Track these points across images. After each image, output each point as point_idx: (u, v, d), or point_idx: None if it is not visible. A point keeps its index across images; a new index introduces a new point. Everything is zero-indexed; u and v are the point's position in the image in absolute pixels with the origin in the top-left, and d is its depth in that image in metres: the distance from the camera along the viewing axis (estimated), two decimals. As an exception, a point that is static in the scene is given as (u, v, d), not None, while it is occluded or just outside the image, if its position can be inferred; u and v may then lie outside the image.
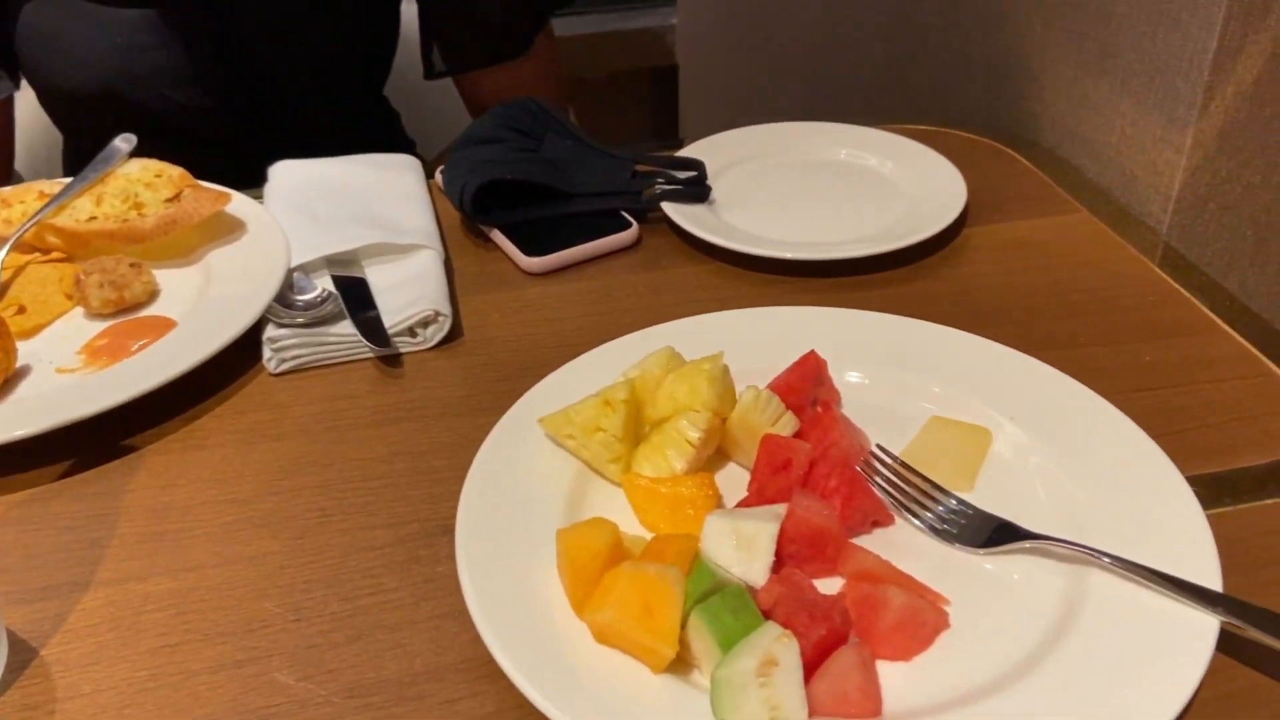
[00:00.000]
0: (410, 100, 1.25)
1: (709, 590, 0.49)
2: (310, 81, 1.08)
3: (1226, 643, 0.48)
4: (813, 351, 0.63)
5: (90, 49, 1.00)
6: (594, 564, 0.50)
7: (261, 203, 0.85)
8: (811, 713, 0.45)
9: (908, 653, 0.49)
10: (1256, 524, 0.57)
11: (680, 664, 0.48)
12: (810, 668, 0.46)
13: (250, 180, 0.89)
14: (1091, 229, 0.84)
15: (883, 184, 0.90)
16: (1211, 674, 0.47)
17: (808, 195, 0.89)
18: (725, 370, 0.61)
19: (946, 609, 0.51)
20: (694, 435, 0.58)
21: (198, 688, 0.51)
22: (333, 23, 1.06)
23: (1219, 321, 0.72)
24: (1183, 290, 0.76)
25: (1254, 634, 0.47)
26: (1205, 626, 0.48)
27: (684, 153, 0.92)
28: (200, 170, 0.85)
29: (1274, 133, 0.80)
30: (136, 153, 0.87)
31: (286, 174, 0.88)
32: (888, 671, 0.48)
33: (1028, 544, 0.53)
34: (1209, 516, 0.53)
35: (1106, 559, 0.51)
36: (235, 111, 1.05)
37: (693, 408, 0.59)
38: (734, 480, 0.60)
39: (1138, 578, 0.50)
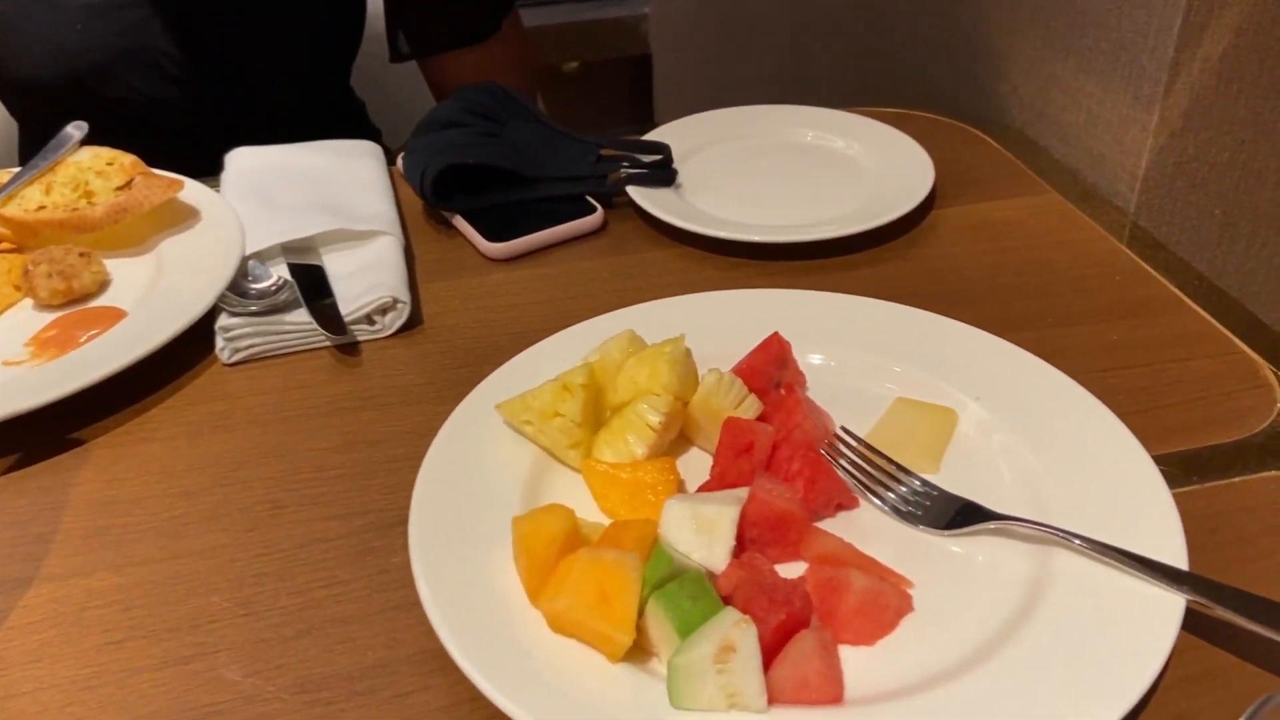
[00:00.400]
0: (376, 89, 1.23)
1: (667, 576, 0.48)
2: (276, 69, 1.06)
3: (1194, 623, 0.47)
4: (776, 334, 0.62)
5: (51, 37, 0.98)
6: (549, 551, 0.49)
7: (219, 191, 0.83)
8: (771, 699, 0.44)
9: (870, 637, 0.48)
10: (1225, 502, 0.56)
11: (639, 652, 0.47)
12: (770, 653, 0.45)
13: (214, 172, 0.87)
14: (1059, 209, 0.83)
15: (850, 166, 0.89)
16: (1178, 654, 0.46)
17: (774, 178, 0.88)
18: (687, 353, 0.60)
19: (910, 592, 0.50)
20: (654, 419, 0.57)
21: (142, 685, 0.49)
22: (298, 7, 1.04)
23: (1187, 300, 0.72)
24: (1150, 269, 0.75)
25: (1221, 612, 0.46)
26: (1171, 605, 0.47)
27: (649, 136, 0.91)
28: (164, 162, 0.83)
29: (1241, 109, 0.79)
30: (95, 143, 0.84)
31: (243, 161, 0.86)
32: (850, 656, 0.47)
33: (993, 525, 0.52)
34: (1177, 495, 0.53)
35: (1072, 539, 0.50)
36: (199, 101, 1.03)
37: (653, 391, 0.58)
38: (696, 465, 0.59)
39: (1103, 557, 0.49)
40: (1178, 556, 0.49)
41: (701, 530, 0.50)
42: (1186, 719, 0.46)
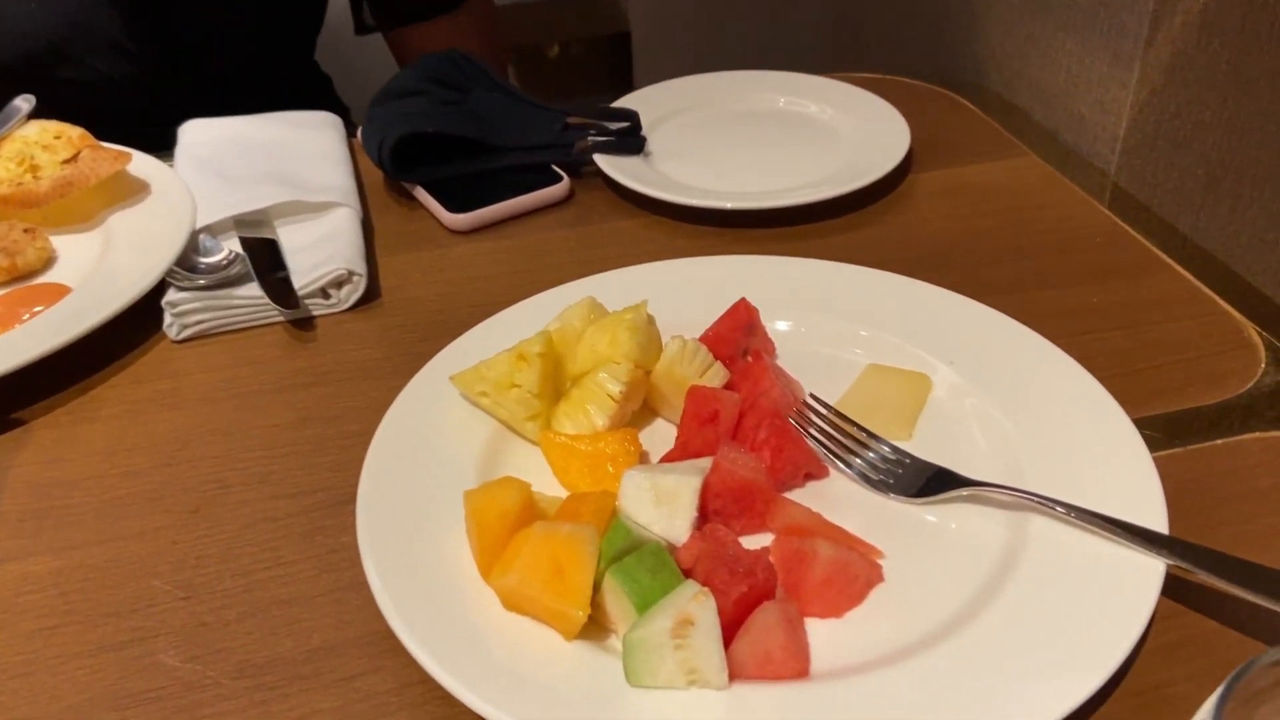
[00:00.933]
0: (343, 65, 1.20)
1: (625, 549, 0.46)
2: (236, 43, 1.03)
3: (1174, 589, 0.46)
4: (743, 300, 0.60)
5: (4, 17, 0.94)
6: (502, 525, 0.47)
7: (172, 165, 0.81)
8: (733, 675, 0.42)
9: (838, 609, 0.46)
10: (1208, 465, 0.54)
11: (597, 629, 0.45)
12: (732, 627, 0.43)
13: (173, 150, 0.84)
14: (1039, 172, 0.81)
15: (824, 132, 0.87)
16: (1158, 621, 0.44)
17: (746, 145, 0.86)
18: (649, 320, 0.57)
19: (880, 562, 0.48)
20: (615, 389, 0.54)
21: (76, 672, 0.47)
22: None
23: (1169, 261, 0.70)
24: (1132, 231, 0.73)
25: (1203, 576, 0.44)
26: (1151, 571, 0.45)
27: (618, 104, 0.88)
28: (123, 142, 0.80)
29: (1223, 65, 0.77)
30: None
31: (196, 133, 0.84)
32: (818, 629, 0.45)
33: (966, 491, 0.50)
34: (1158, 459, 0.51)
35: (1048, 505, 0.48)
36: (159, 79, 1.00)
37: (614, 360, 0.55)
38: (660, 436, 0.56)
39: (1081, 523, 0.47)
40: (1158, 521, 0.47)
41: (661, 501, 0.48)
42: (1166, 687, 0.44)
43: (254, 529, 0.53)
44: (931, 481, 0.51)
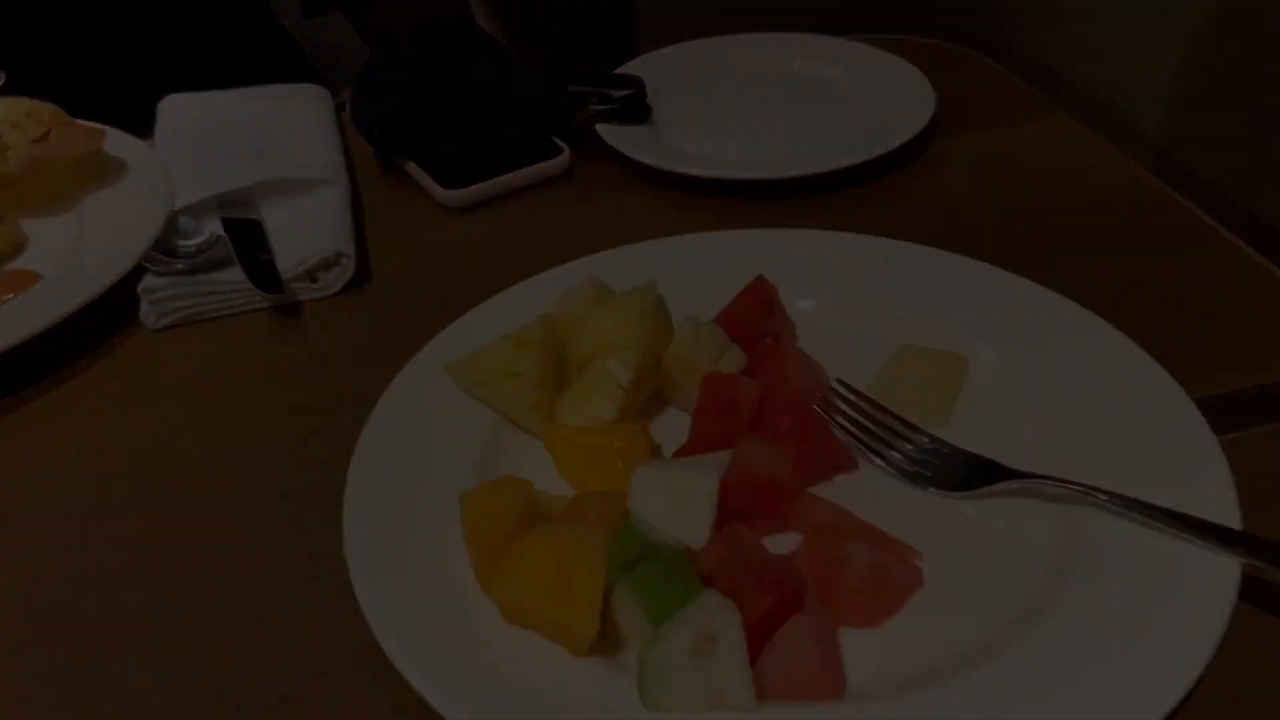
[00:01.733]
0: (326, 32, 1.15)
1: (638, 555, 0.41)
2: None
3: (1250, 591, 0.41)
4: (761, 277, 0.56)
5: None
6: (502, 530, 0.43)
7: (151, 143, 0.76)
8: (761, 695, 0.38)
9: (875, 618, 0.42)
10: (1276, 449, 0.49)
11: (609, 644, 0.41)
12: (759, 642, 0.39)
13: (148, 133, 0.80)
14: (1075, 135, 0.76)
15: (842, 96, 0.82)
16: (1232, 625, 0.39)
17: (759, 112, 0.82)
18: (660, 302, 0.53)
19: (919, 565, 0.44)
20: (624, 377, 0.50)
21: (37, 696, 0.43)
22: None
23: (1220, 228, 0.65)
24: (1177, 196, 0.68)
25: (1281, 577, 0.40)
26: (1225, 571, 0.41)
27: (621, 70, 0.83)
28: (100, 121, 0.76)
29: (1273, 15, 0.71)
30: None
31: (176, 108, 0.80)
32: (852, 641, 0.41)
33: (1013, 484, 0.46)
34: (1221, 443, 0.46)
35: (1105, 497, 0.44)
36: (127, 56, 0.95)
37: (622, 345, 0.51)
38: (675, 428, 0.52)
39: (1143, 518, 0.43)
40: (1230, 515, 0.43)
41: (676, 501, 0.44)
42: (1243, 699, 0.39)
43: (235, 533, 0.50)
44: (973, 473, 0.47)
